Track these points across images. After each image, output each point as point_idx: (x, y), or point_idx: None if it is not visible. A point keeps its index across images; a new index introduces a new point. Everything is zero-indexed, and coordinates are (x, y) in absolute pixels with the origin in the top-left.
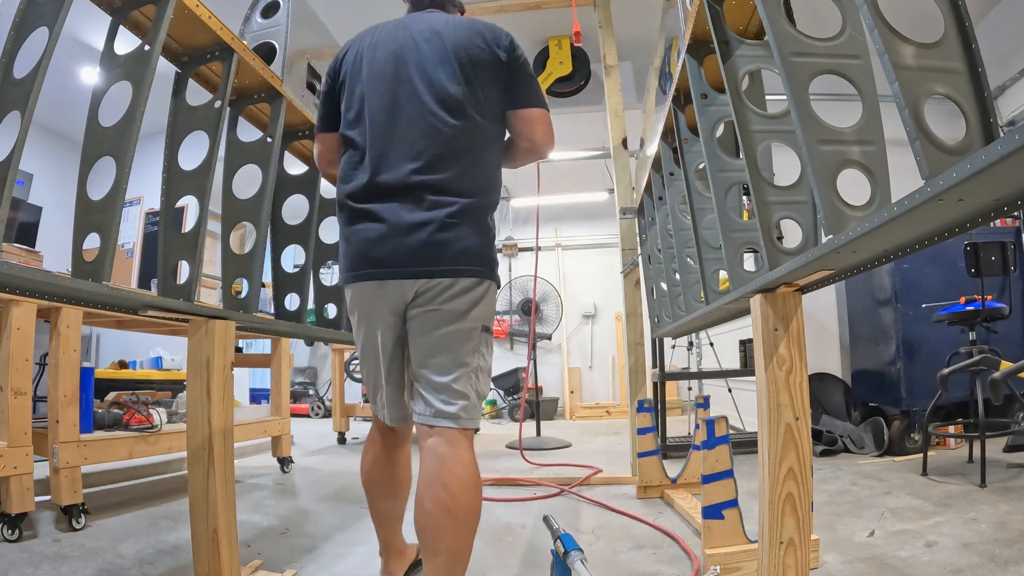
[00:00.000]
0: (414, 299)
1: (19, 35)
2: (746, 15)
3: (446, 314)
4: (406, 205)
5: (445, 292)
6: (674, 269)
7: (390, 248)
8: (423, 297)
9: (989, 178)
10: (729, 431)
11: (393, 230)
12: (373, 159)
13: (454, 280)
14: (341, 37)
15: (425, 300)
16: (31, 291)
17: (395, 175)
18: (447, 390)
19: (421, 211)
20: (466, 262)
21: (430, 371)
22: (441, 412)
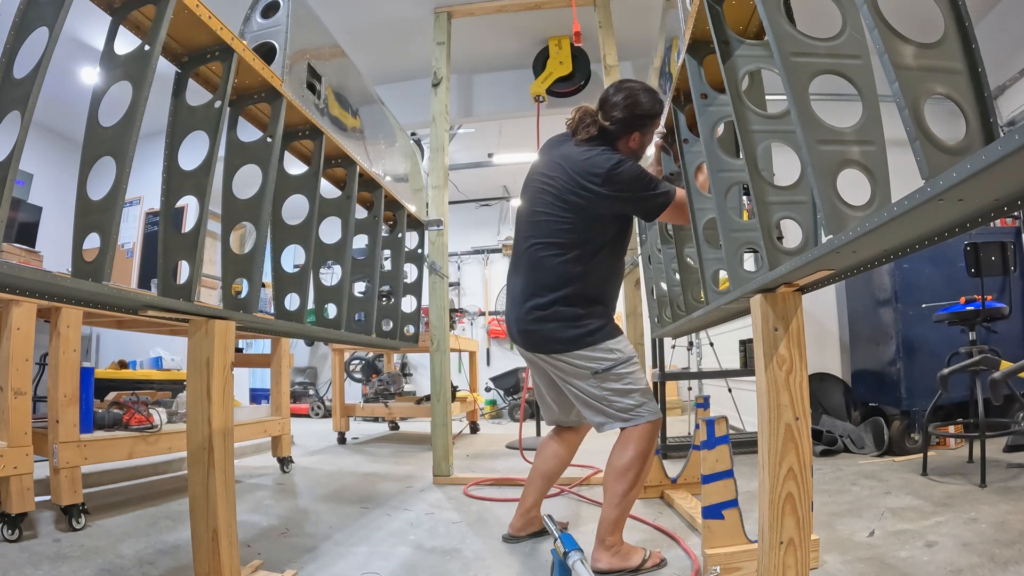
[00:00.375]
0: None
1: (19, 35)
2: (746, 15)
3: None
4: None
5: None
6: (674, 269)
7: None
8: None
9: (989, 178)
10: (729, 431)
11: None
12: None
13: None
14: (341, 37)
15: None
16: (31, 291)
17: None
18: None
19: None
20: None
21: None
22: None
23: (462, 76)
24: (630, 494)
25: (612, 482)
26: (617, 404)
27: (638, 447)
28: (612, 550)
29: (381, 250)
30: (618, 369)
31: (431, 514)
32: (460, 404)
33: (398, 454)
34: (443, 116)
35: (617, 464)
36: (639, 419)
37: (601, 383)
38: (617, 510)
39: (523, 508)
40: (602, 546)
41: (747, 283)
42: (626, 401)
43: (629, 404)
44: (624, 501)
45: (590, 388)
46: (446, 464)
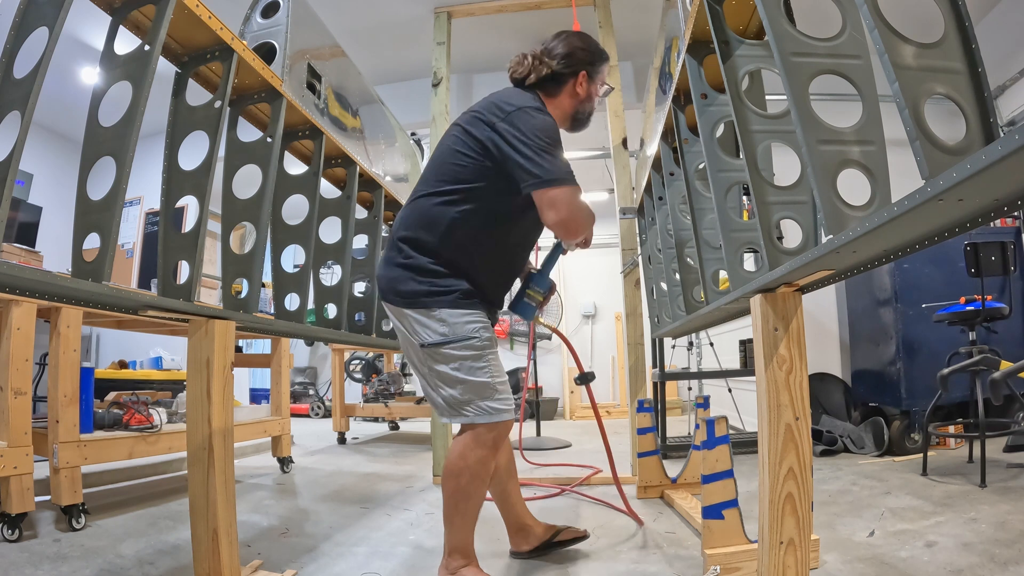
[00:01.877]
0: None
1: (19, 35)
2: (746, 15)
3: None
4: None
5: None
6: (674, 269)
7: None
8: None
9: (989, 178)
10: (729, 431)
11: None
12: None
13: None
14: (341, 37)
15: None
16: (31, 291)
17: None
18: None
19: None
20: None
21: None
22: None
23: (462, 76)
24: (455, 516)
25: (444, 504)
26: (441, 391)
27: (464, 453)
28: (449, 571)
29: (381, 250)
30: (445, 348)
31: (431, 514)
32: None
33: (398, 454)
34: (443, 116)
35: (444, 483)
36: (463, 418)
37: (426, 359)
38: (450, 533)
39: (510, 527)
40: (441, 565)
41: (747, 283)
42: (448, 390)
43: (453, 395)
44: (451, 524)
45: (418, 364)
46: None
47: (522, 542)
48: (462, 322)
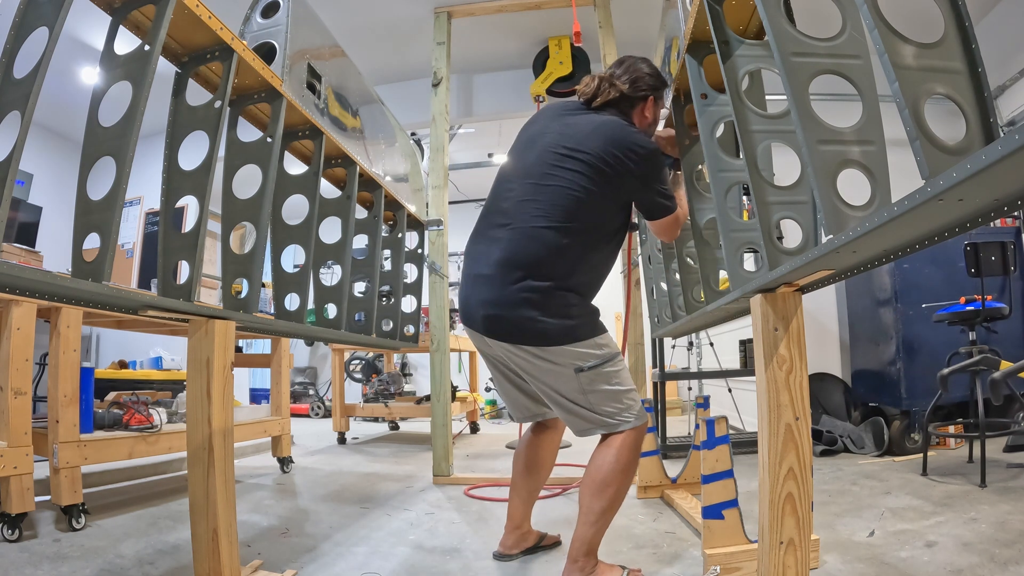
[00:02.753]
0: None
1: (19, 35)
2: (746, 15)
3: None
4: None
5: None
6: (674, 269)
7: None
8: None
9: (989, 178)
10: (729, 431)
11: None
12: None
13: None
14: (341, 37)
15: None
16: (31, 291)
17: None
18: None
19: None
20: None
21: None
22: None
23: (462, 76)
24: (608, 512)
25: (589, 497)
26: (601, 407)
27: (620, 458)
28: (584, 572)
29: (381, 250)
30: (605, 368)
31: (431, 514)
32: (460, 404)
33: (398, 454)
34: (443, 116)
35: (596, 477)
36: (624, 424)
37: (585, 383)
38: (593, 529)
39: (512, 523)
40: (574, 567)
41: (747, 283)
42: (611, 404)
43: (615, 408)
44: (601, 519)
45: (570, 387)
46: (446, 464)
47: (513, 545)
48: (609, 342)
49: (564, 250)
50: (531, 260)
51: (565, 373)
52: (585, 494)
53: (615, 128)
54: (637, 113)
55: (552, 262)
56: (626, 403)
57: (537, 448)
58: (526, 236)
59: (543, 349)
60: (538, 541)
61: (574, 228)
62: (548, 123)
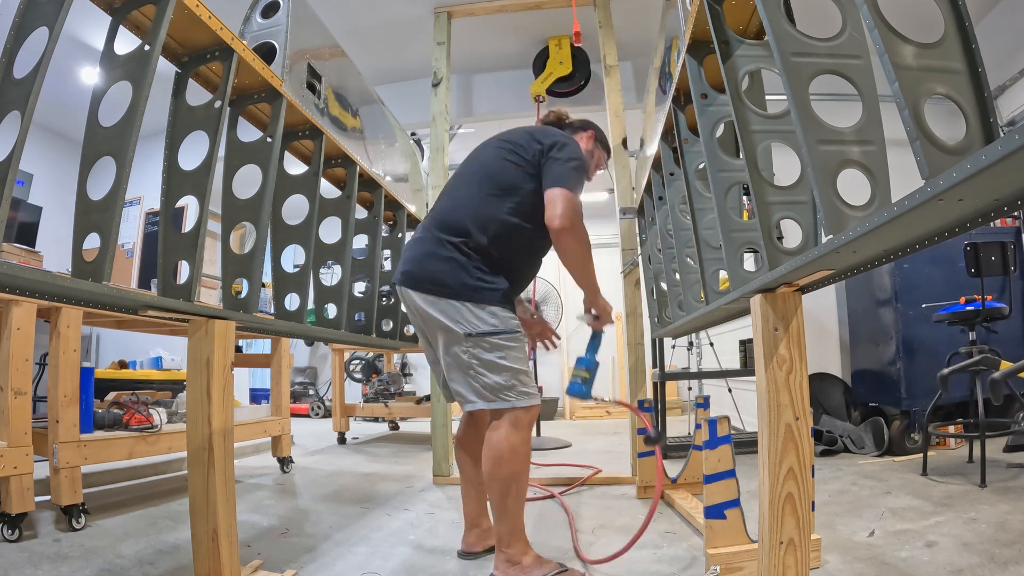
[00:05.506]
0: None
1: (19, 35)
2: (746, 15)
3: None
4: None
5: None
6: (674, 269)
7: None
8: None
9: (989, 178)
10: (731, 431)
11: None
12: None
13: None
14: (341, 37)
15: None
16: (31, 291)
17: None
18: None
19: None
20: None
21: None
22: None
23: (462, 76)
24: (509, 498)
25: (491, 492)
26: (483, 378)
27: (506, 439)
28: (510, 562)
29: (381, 250)
30: (493, 338)
31: (431, 514)
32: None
33: (398, 454)
34: (443, 116)
35: (487, 468)
36: (503, 402)
37: (472, 348)
38: (504, 521)
39: (469, 522)
40: (503, 558)
41: (747, 283)
42: (493, 377)
43: (495, 381)
44: (506, 510)
45: (459, 351)
46: (446, 464)
47: (475, 542)
48: (507, 317)
49: (487, 218)
50: (454, 220)
51: (456, 333)
52: (487, 488)
53: (533, 127)
54: (578, 137)
55: (473, 226)
56: (509, 381)
57: (474, 440)
58: (455, 201)
59: (440, 300)
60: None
61: (516, 204)
62: (487, 143)
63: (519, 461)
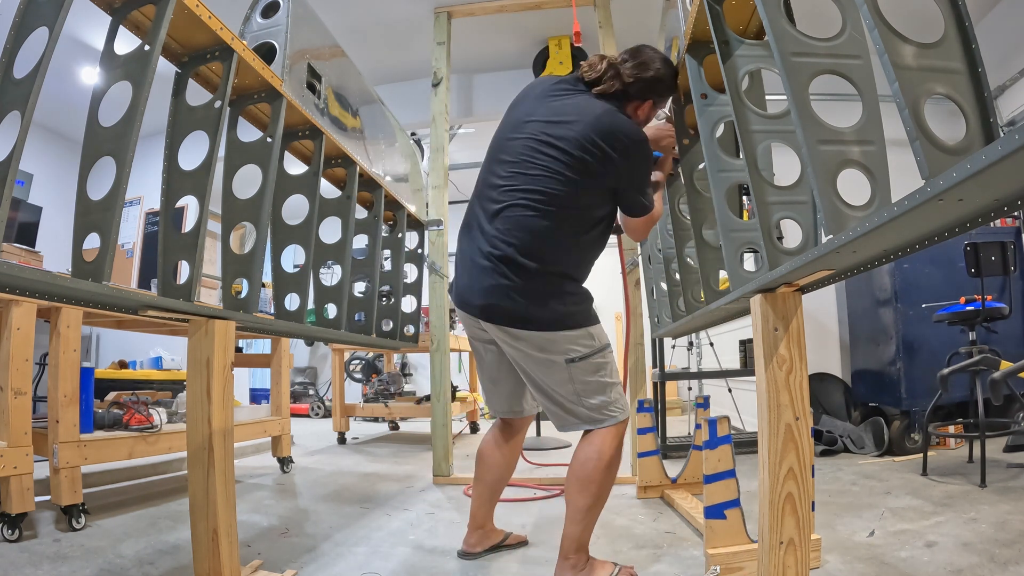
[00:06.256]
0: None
1: (19, 35)
2: (746, 15)
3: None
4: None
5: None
6: (674, 269)
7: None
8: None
9: (989, 178)
10: (731, 431)
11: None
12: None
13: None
14: (341, 37)
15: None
16: (31, 291)
17: None
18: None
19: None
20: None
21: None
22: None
23: (462, 76)
24: (594, 508)
25: (575, 494)
26: (587, 400)
27: (604, 454)
28: (576, 569)
29: (381, 250)
30: (595, 358)
31: (431, 514)
32: (460, 404)
33: (398, 454)
34: (443, 116)
35: (580, 474)
36: (609, 420)
37: (575, 373)
38: (580, 526)
39: (475, 523)
40: (566, 564)
41: (747, 283)
42: (598, 397)
43: (601, 401)
44: (587, 516)
45: (559, 378)
46: (446, 464)
47: (476, 543)
48: (600, 332)
49: (550, 235)
50: (519, 246)
51: (556, 362)
52: (571, 492)
53: (602, 116)
54: (631, 108)
55: (540, 248)
56: (612, 396)
57: (498, 448)
58: (514, 223)
59: (533, 334)
60: (502, 540)
61: (559, 214)
62: (534, 106)
63: (610, 473)
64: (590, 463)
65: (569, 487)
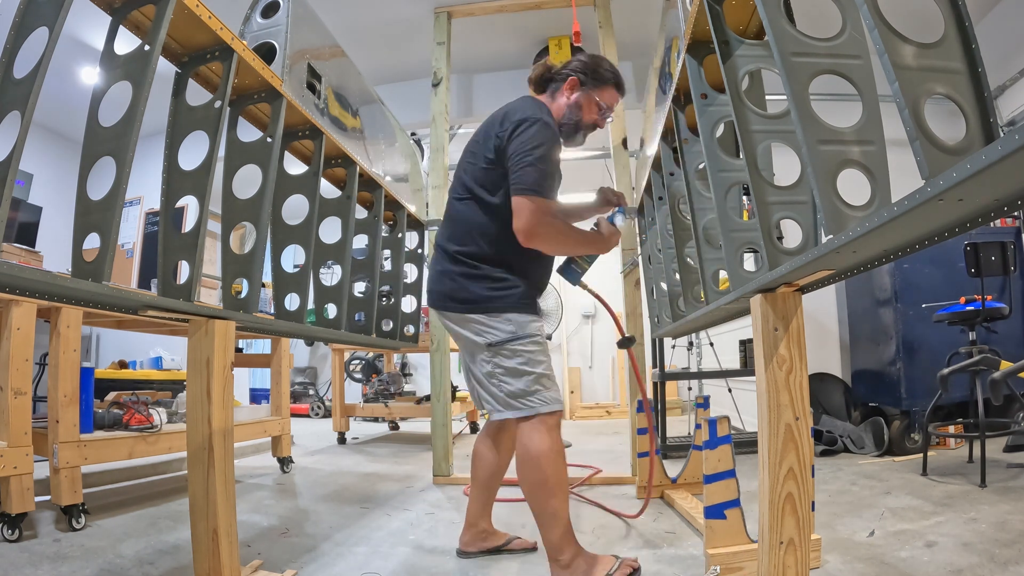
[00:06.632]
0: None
1: (19, 35)
2: (746, 15)
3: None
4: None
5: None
6: (674, 269)
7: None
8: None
9: (989, 178)
10: (731, 431)
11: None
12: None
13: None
14: (341, 37)
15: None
16: (31, 291)
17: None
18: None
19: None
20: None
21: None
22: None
23: (462, 76)
24: (552, 503)
25: (529, 499)
26: (507, 386)
27: (531, 450)
28: (569, 568)
29: (381, 250)
30: (514, 345)
31: (431, 514)
32: (460, 404)
33: (398, 454)
34: (443, 116)
35: (523, 477)
36: (528, 409)
37: (493, 357)
38: (549, 527)
39: (468, 521)
40: (557, 565)
41: (747, 283)
42: (515, 385)
43: (519, 388)
44: (551, 515)
45: (479, 358)
46: (446, 464)
47: (469, 542)
48: (526, 321)
49: (466, 220)
50: (446, 233)
51: (478, 343)
52: (526, 497)
53: (508, 104)
54: (555, 93)
55: (458, 232)
56: (532, 387)
57: (489, 445)
58: (446, 214)
59: (455, 315)
60: (504, 543)
61: (472, 201)
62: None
63: (553, 464)
64: (526, 466)
65: (524, 492)
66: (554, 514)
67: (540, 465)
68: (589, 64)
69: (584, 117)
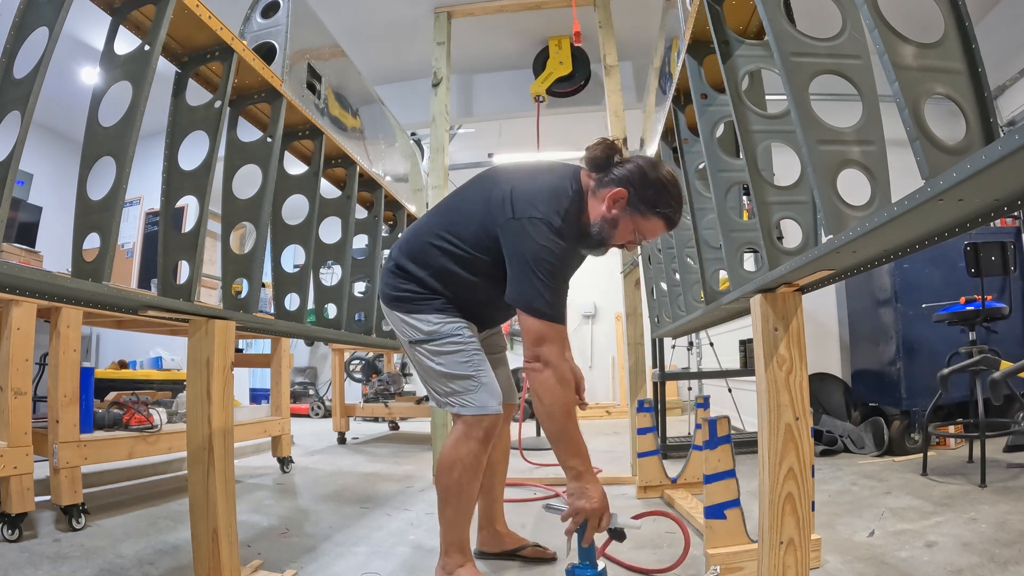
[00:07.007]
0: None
1: (19, 35)
2: (746, 15)
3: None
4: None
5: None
6: (674, 269)
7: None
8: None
9: (989, 178)
10: (731, 431)
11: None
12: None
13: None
14: (341, 37)
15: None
16: (31, 291)
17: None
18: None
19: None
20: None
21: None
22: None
23: (462, 76)
24: (448, 510)
25: (438, 498)
26: (432, 383)
27: (452, 448)
28: (446, 570)
29: (381, 250)
30: (430, 345)
31: (431, 514)
32: None
33: (398, 454)
34: (443, 116)
35: (438, 475)
36: (455, 407)
37: (413, 355)
38: (444, 529)
39: (480, 523)
40: (439, 564)
41: (747, 283)
42: (437, 384)
43: (442, 389)
44: (445, 520)
45: (410, 358)
46: None
47: (482, 544)
48: (443, 321)
49: (442, 267)
50: (405, 250)
51: (404, 340)
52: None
53: (522, 180)
54: (598, 198)
55: (428, 267)
56: (452, 388)
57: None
58: (412, 235)
59: (388, 312)
60: (516, 548)
61: (460, 258)
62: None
63: (461, 471)
64: (440, 464)
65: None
66: (447, 519)
67: (447, 469)
68: (649, 181)
69: (615, 238)
